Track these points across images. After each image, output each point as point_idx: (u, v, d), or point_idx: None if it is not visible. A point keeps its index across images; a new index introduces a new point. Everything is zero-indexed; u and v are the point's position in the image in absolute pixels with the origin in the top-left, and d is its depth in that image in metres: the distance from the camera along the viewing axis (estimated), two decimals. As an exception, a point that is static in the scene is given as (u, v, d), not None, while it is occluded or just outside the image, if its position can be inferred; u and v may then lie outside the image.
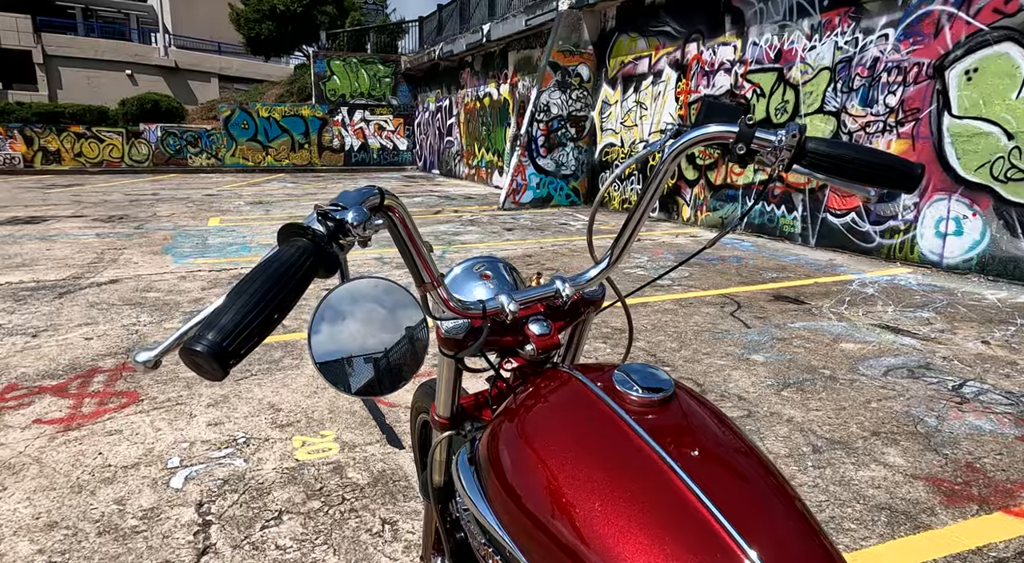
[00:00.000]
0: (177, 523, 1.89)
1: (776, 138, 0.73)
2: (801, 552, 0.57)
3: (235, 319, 0.50)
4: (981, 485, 2.08)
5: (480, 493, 0.68)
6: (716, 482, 0.60)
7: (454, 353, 0.76)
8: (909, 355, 3.32)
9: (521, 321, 0.77)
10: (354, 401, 2.76)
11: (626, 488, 0.59)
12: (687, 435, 0.64)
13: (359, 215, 0.58)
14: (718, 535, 0.55)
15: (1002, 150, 4.81)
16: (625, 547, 0.55)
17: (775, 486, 0.62)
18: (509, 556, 0.62)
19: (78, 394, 2.81)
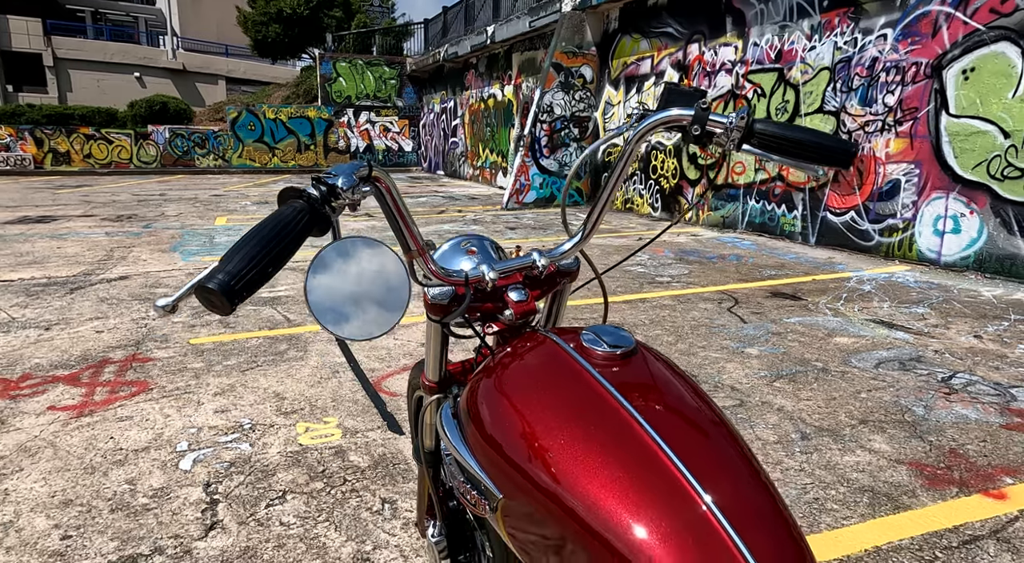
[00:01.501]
0: (186, 501, 1.97)
1: (727, 120, 0.80)
2: (749, 495, 0.63)
3: (241, 265, 0.58)
4: (963, 469, 2.14)
5: (461, 439, 0.75)
6: (672, 428, 0.67)
7: (440, 318, 0.84)
8: (901, 349, 3.38)
9: (501, 289, 0.84)
10: (357, 390, 2.85)
11: (588, 431, 0.66)
12: (646, 386, 0.71)
13: (348, 181, 0.66)
14: (673, 476, 0.61)
15: (999, 148, 4.85)
16: (585, 480, 0.62)
17: (726, 434, 0.69)
18: (483, 489, 0.70)
19: (90, 383, 2.91)
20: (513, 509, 0.67)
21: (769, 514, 0.61)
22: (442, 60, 16.30)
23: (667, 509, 0.59)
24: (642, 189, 9.29)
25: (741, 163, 7.47)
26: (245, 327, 3.77)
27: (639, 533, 0.58)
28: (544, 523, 0.64)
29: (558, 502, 0.63)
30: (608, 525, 0.59)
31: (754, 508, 0.61)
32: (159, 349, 3.37)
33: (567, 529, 0.62)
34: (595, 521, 0.60)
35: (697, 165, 8.17)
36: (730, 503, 0.59)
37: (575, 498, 0.62)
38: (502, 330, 0.85)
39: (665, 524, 0.58)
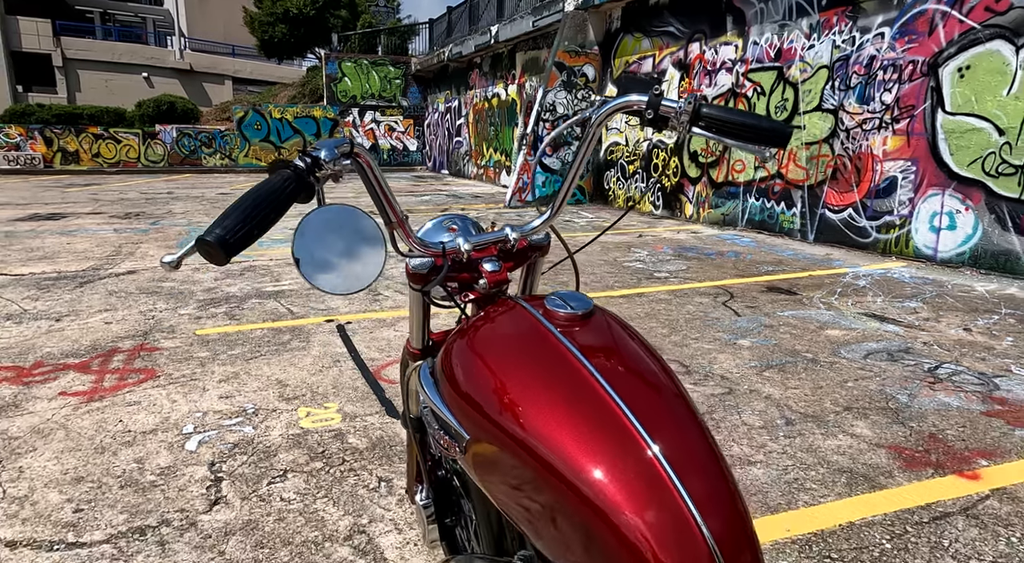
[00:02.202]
0: (191, 479, 2.06)
1: (677, 105, 0.88)
2: (689, 445, 0.70)
3: (235, 223, 0.66)
4: (940, 453, 2.21)
5: (436, 393, 0.84)
6: (624, 382, 0.74)
7: (421, 287, 0.92)
8: (891, 341, 3.44)
9: (477, 261, 0.93)
10: (357, 378, 2.94)
11: (548, 382, 0.74)
12: (602, 344, 0.79)
13: (330, 154, 0.74)
14: (623, 425, 0.69)
15: (993, 145, 4.90)
16: (545, 424, 0.70)
17: (672, 390, 0.77)
18: (454, 433, 0.78)
19: (100, 371, 3.01)
20: (479, 449, 0.75)
21: (706, 462, 0.68)
22: (447, 60, 16.39)
23: (618, 454, 0.67)
24: (643, 187, 9.36)
25: (741, 161, 7.52)
26: (249, 319, 3.86)
27: (594, 473, 0.65)
28: (507, 462, 0.72)
29: (520, 443, 0.71)
30: (565, 464, 0.67)
31: (693, 457, 0.68)
32: (166, 339, 3.47)
33: (527, 467, 0.70)
34: (553, 460, 0.68)
35: (698, 163, 8.23)
36: (672, 451, 0.67)
37: (536, 440, 0.70)
38: (478, 298, 0.93)
39: (616, 467, 0.66)
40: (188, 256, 0.77)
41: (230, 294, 4.46)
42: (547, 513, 0.69)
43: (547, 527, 0.69)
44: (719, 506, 0.64)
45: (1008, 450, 2.23)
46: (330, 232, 0.77)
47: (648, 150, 9.19)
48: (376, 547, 1.73)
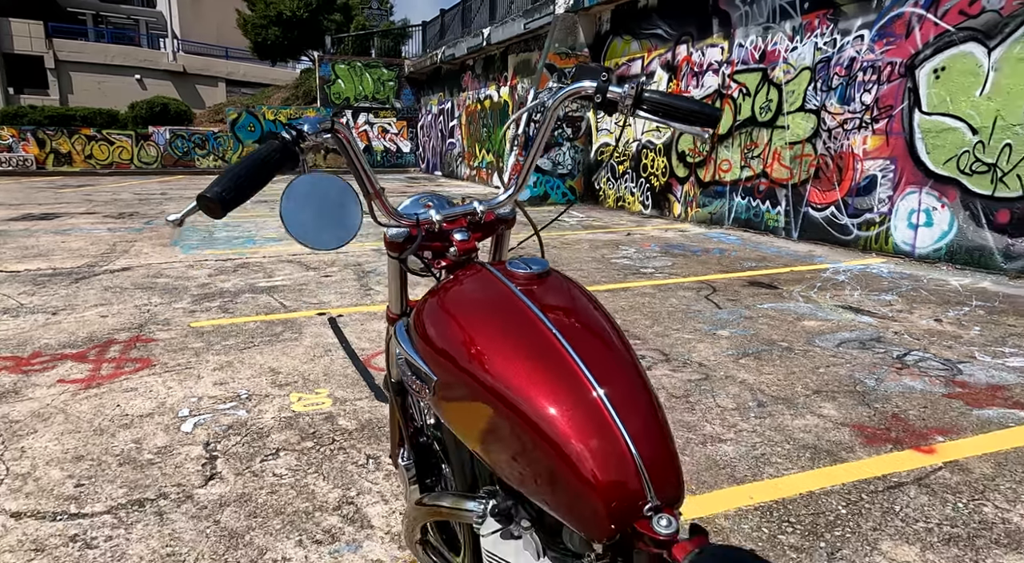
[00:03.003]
0: (187, 457, 2.16)
1: (622, 90, 0.99)
2: (629, 390, 0.80)
3: (230, 183, 0.77)
4: (900, 430, 2.33)
5: (410, 345, 0.94)
6: (574, 333, 0.85)
7: (398, 255, 1.03)
8: (864, 330, 3.57)
9: (448, 232, 1.03)
10: (347, 366, 3.04)
11: (507, 331, 0.84)
12: (556, 300, 0.90)
13: (313, 128, 0.85)
14: (573, 370, 0.79)
15: (967, 144, 5.05)
16: (504, 366, 0.81)
17: (616, 342, 0.88)
18: (423, 375, 0.88)
19: (97, 360, 3.09)
20: (447, 390, 0.86)
21: (642, 404, 0.79)
22: (439, 62, 16.51)
23: (568, 395, 0.77)
24: (633, 187, 9.49)
25: (728, 161, 7.67)
26: (243, 312, 3.96)
27: (548, 410, 0.76)
28: (471, 400, 0.83)
29: (482, 384, 0.81)
30: (522, 402, 0.77)
31: (631, 399, 0.79)
32: (161, 331, 3.55)
33: (489, 404, 0.80)
34: (512, 398, 0.78)
35: (686, 163, 8.37)
36: (614, 394, 0.77)
37: (496, 381, 0.80)
38: (449, 265, 1.04)
39: (566, 405, 0.76)
40: (191, 214, 0.87)
41: (224, 289, 4.55)
42: (507, 444, 0.79)
43: (507, 456, 0.80)
44: (650, 439, 0.75)
45: (964, 428, 2.35)
46: (313, 196, 0.88)
47: (637, 151, 9.33)
48: (364, 516, 1.83)
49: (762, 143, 7.10)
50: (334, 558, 1.65)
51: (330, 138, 0.89)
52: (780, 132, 6.85)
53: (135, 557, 1.64)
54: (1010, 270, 4.86)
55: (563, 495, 0.73)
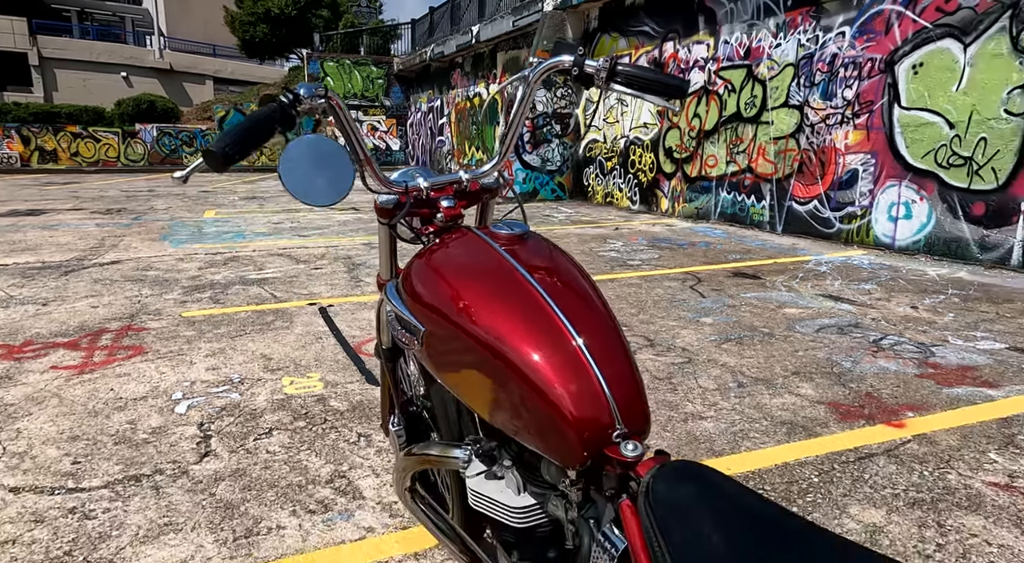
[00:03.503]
0: (182, 436, 2.21)
1: (597, 64, 1.06)
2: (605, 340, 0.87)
3: (232, 139, 0.83)
4: (873, 407, 2.43)
5: (399, 301, 1.00)
6: (554, 288, 0.92)
7: (387, 220, 1.09)
8: (843, 317, 3.67)
9: (436, 199, 1.10)
10: (339, 352, 3.09)
11: (492, 286, 0.91)
12: (537, 258, 0.96)
13: (308, 92, 0.92)
14: (555, 322, 0.86)
15: (944, 138, 5.18)
16: (488, 318, 0.87)
17: (593, 296, 0.95)
18: (412, 327, 0.95)
19: (89, 348, 3.12)
20: (433, 338, 0.92)
21: (615, 350, 0.86)
22: (428, 59, 16.53)
23: (550, 343, 0.84)
24: (621, 183, 9.59)
25: (714, 156, 7.77)
26: (234, 302, 3.99)
27: (532, 356, 0.82)
28: (457, 347, 0.89)
29: (467, 331, 0.88)
30: (505, 347, 0.84)
31: (605, 345, 0.85)
32: (153, 321, 3.59)
33: (473, 350, 0.87)
34: (498, 346, 0.85)
35: (673, 159, 8.47)
36: (592, 344, 0.84)
37: (480, 328, 0.87)
38: (436, 231, 1.10)
39: (546, 350, 0.83)
40: (195, 171, 0.93)
41: (214, 281, 4.58)
42: (491, 387, 0.86)
43: (490, 398, 0.86)
44: (621, 379, 0.82)
45: (934, 404, 2.45)
46: (308, 157, 0.93)
47: (625, 147, 9.42)
48: (355, 488, 1.89)
49: (747, 138, 7.21)
50: (327, 526, 1.70)
51: (324, 103, 0.95)
52: (765, 127, 6.96)
53: (133, 526, 1.69)
54: (985, 260, 4.99)
55: (542, 429, 0.80)
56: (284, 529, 1.69)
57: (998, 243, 4.90)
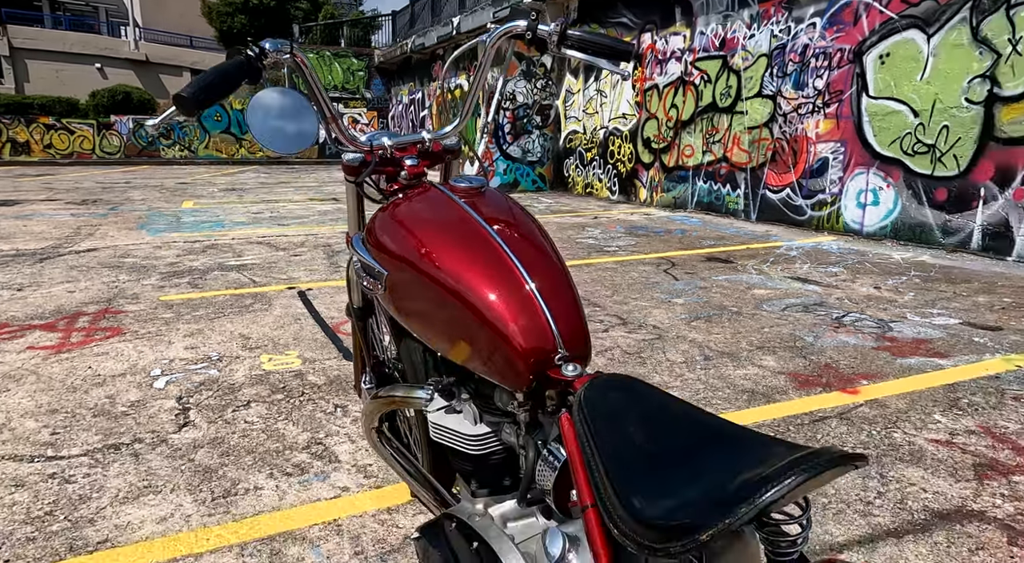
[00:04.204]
0: (161, 409, 2.25)
1: (549, 28, 1.13)
2: (555, 284, 0.95)
3: (202, 85, 0.89)
4: (831, 376, 2.54)
5: (365, 250, 1.07)
6: (509, 235, 0.99)
7: (354, 178, 1.15)
8: (808, 297, 3.80)
9: (400, 158, 1.16)
10: (317, 332, 3.14)
11: (450, 233, 0.98)
12: (494, 209, 1.03)
13: (274, 46, 0.98)
14: (510, 267, 0.93)
15: (909, 126, 5.34)
16: (448, 262, 0.94)
17: (544, 244, 1.02)
18: (376, 273, 1.02)
19: (66, 330, 3.14)
20: (395, 281, 0.99)
21: (561, 289, 0.93)
22: (410, 51, 16.47)
23: (502, 282, 0.91)
24: (601, 174, 9.68)
25: (690, 146, 7.90)
26: (213, 287, 4.01)
27: (484, 293, 0.89)
28: (417, 288, 0.96)
29: (426, 273, 0.94)
30: (462, 287, 0.91)
31: (552, 284, 0.93)
32: (131, 304, 3.60)
33: (432, 290, 0.94)
34: (456, 287, 0.92)
35: (651, 149, 8.58)
36: (544, 288, 0.91)
37: (439, 270, 0.94)
38: (400, 188, 1.17)
39: (500, 291, 0.90)
40: (167, 119, 0.98)
41: (193, 268, 4.59)
42: (448, 324, 0.93)
43: (448, 334, 0.94)
44: (566, 316, 0.89)
45: (888, 373, 2.57)
46: (274, 107, 0.99)
47: (605, 137, 9.52)
48: (331, 453, 1.95)
49: (723, 128, 7.34)
50: (303, 486, 1.77)
51: (289, 59, 1.01)
52: (739, 117, 7.09)
53: (113, 489, 1.74)
54: (947, 244, 5.17)
55: (493, 358, 0.87)
56: (261, 490, 1.75)
57: (959, 228, 5.08)
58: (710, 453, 0.63)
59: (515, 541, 0.90)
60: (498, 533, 0.90)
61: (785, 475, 0.52)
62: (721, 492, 0.54)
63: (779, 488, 0.51)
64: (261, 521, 1.60)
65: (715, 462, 0.60)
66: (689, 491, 0.58)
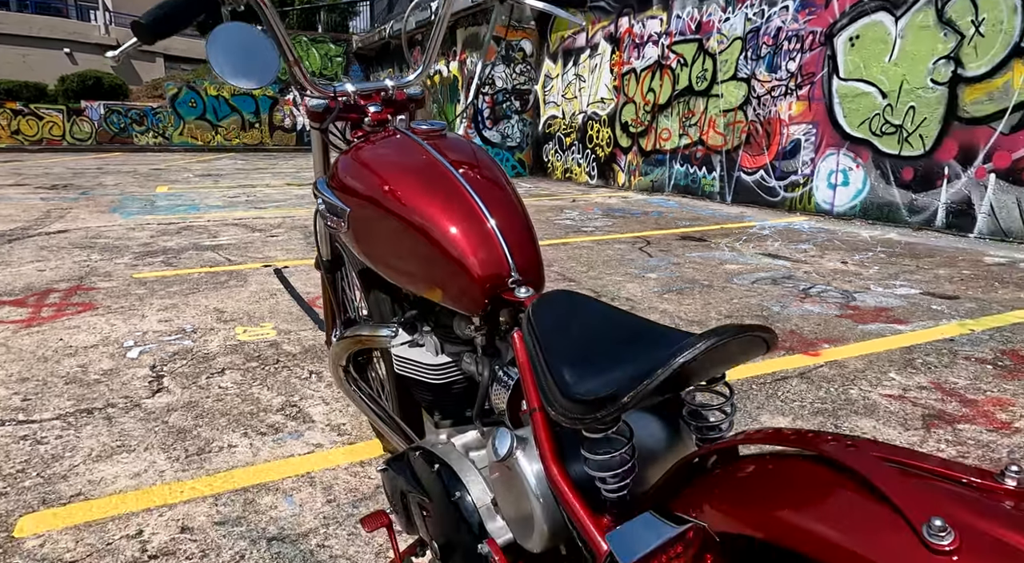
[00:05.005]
0: (134, 376, 2.25)
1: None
2: (514, 222, 0.98)
3: (159, 15, 0.91)
4: (795, 341, 2.63)
5: (329, 191, 1.10)
6: (470, 175, 1.02)
7: (319, 124, 1.17)
8: (778, 271, 3.89)
9: (364, 106, 1.19)
10: (292, 306, 3.15)
11: (410, 170, 1.00)
12: (455, 151, 1.06)
13: None
14: (471, 205, 0.96)
15: (878, 107, 5.46)
16: (411, 198, 0.97)
17: (503, 184, 1.05)
18: (338, 211, 1.05)
19: (36, 305, 3.11)
20: (358, 217, 1.02)
21: (522, 231, 0.97)
22: (388, 37, 16.30)
23: (467, 224, 0.94)
24: (580, 158, 9.73)
25: (668, 129, 7.97)
26: (187, 265, 3.99)
27: (444, 225, 0.93)
28: (379, 223, 0.99)
29: (388, 208, 0.98)
30: (422, 221, 0.94)
31: (514, 227, 0.96)
32: (103, 282, 3.57)
33: (392, 224, 0.97)
34: (413, 218, 0.95)
35: (629, 133, 8.64)
36: (503, 225, 0.95)
37: (399, 205, 0.97)
38: (363, 134, 1.19)
39: (465, 231, 0.93)
40: (129, 48, 1.00)
41: (167, 247, 4.55)
42: (409, 256, 0.96)
43: (408, 267, 0.97)
44: (521, 246, 0.93)
45: (849, 338, 2.67)
46: (234, 42, 1.01)
47: (583, 122, 9.55)
48: (306, 414, 1.98)
49: (699, 111, 7.42)
50: (277, 444, 1.80)
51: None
52: (715, 100, 7.17)
53: (86, 449, 1.75)
54: (913, 223, 5.31)
55: (451, 285, 0.91)
56: (235, 447, 1.77)
57: (925, 206, 5.22)
58: (639, 346, 0.67)
59: (476, 466, 0.94)
60: (459, 456, 0.94)
61: (696, 343, 0.57)
62: (642, 368, 0.59)
63: (691, 351, 0.56)
64: (235, 475, 1.63)
65: (642, 351, 0.65)
66: (616, 373, 0.62)
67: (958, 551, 0.38)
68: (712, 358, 0.58)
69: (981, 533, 0.39)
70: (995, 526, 0.39)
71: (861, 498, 0.45)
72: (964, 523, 0.39)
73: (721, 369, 0.66)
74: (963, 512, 0.40)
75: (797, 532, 0.47)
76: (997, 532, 0.38)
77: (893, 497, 0.43)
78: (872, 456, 0.48)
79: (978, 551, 0.38)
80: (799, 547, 0.47)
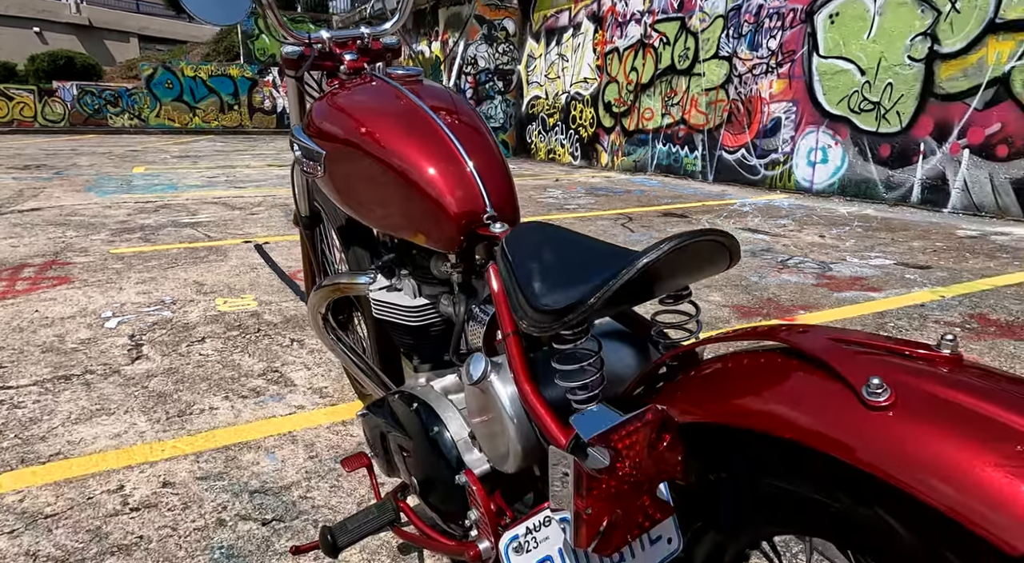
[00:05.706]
0: (112, 345, 2.24)
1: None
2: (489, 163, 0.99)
3: None
4: (772, 308, 2.68)
5: (305, 137, 1.10)
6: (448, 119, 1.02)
7: (294, 72, 1.17)
8: (757, 245, 3.95)
9: (340, 54, 1.18)
10: (273, 279, 3.13)
11: (386, 112, 1.00)
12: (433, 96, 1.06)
13: None
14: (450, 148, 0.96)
15: (856, 85, 5.51)
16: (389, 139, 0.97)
17: (479, 125, 1.05)
18: (314, 155, 1.05)
19: (10, 279, 3.06)
20: (334, 159, 1.02)
21: (498, 171, 0.98)
22: (368, 17, 16.04)
23: (443, 162, 0.94)
24: (563, 139, 9.71)
25: (650, 109, 7.98)
26: (165, 242, 3.94)
27: (425, 171, 0.93)
28: (352, 165, 1.00)
29: (363, 149, 0.98)
30: (399, 162, 0.94)
31: (490, 167, 0.97)
32: (79, 257, 3.51)
33: (367, 165, 0.97)
34: (390, 159, 0.95)
35: (612, 113, 8.64)
36: (479, 164, 0.96)
37: (376, 147, 0.97)
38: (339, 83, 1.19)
39: (442, 170, 0.94)
40: None
41: (145, 225, 4.48)
42: (386, 198, 0.97)
43: (386, 210, 0.98)
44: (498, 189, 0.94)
45: (824, 304, 2.72)
46: None
47: (566, 102, 9.52)
48: (287, 378, 1.99)
49: (681, 90, 7.43)
50: (259, 406, 1.80)
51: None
52: (697, 79, 7.19)
53: (65, 412, 1.74)
54: (890, 199, 5.40)
55: (428, 224, 0.92)
56: (216, 410, 1.78)
57: (901, 182, 5.31)
58: (609, 261, 0.69)
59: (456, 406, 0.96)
60: (438, 395, 0.96)
61: (658, 245, 0.59)
62: (608, 274, 0.61)
63: (654, 252, 0.58)
64: (216, 434, 1.64)
65: (610, 264, 0.67)
66: (584, 285, 0.64)
67: (893, 406, 0.41)
68: (674, 262, 0.60)
69: (915, 390, 0.41)
70: (928, 384, 0.41)
71: (807, 374, 0.48)
72: (900, 382, 0.42)
73: (685, 279, 0.68)
74: (899, 373, 0.43)
75: (749, 412, 0.50)
76: (930, 389, 0.41)
77: (836, 365, 0.45)
78: (822, 337, 0.51)
79: (912, 405, 0.40)
80: (753, 426, 0.49)
